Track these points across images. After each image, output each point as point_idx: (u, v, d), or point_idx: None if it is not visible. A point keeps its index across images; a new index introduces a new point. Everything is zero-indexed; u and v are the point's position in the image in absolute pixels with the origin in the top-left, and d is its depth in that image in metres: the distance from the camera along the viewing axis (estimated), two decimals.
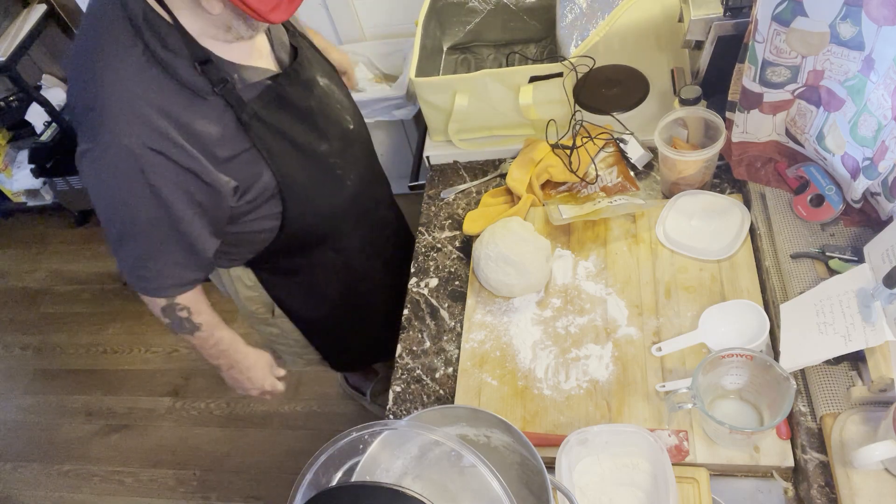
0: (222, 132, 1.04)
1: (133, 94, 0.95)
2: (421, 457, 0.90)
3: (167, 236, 1.06)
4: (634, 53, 1.46)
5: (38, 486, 2.35)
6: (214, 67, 1.00)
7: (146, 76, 0.96)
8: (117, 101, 0.95)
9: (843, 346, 0.89)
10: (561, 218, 1.23)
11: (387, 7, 2.29)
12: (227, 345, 1.28)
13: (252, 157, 1.09)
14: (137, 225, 1.03)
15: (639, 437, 0.91)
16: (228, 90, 1.02)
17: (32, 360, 2.71)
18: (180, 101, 0.99)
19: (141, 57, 0.96)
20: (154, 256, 1.08)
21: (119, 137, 0.95)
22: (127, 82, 0.96)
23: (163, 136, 0.97)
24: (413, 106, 2.22)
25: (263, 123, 1.08)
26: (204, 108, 1.01)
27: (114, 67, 0.96)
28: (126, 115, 0.95)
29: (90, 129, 0.97)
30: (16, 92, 2.92)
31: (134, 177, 0.97)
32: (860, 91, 0.94)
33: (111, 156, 0.96)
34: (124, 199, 1.01)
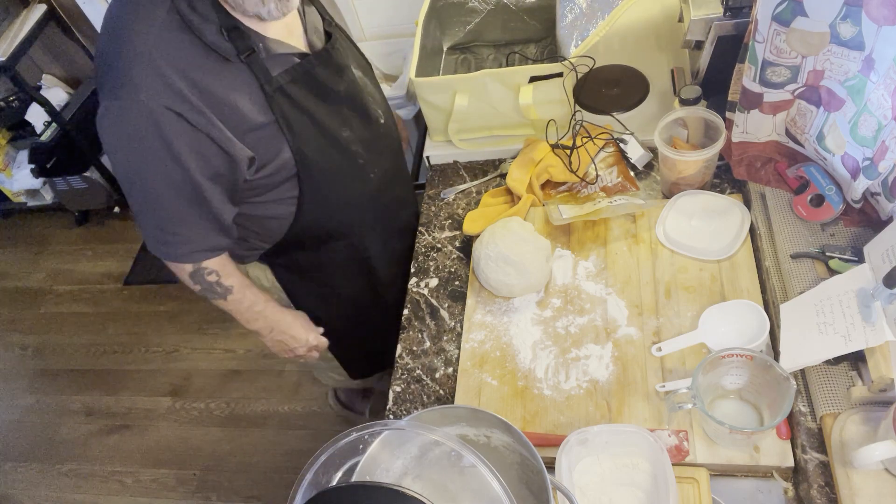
0: (245, 102, 1.03)
1: (155, 53, 0.95)
2: (421, 457, 0.90)
3: (188, 200, 1.05)
4: (634, 53, 1.46)
5: (38, 485, 2.35)
6: (241, 35, 1.00)
7: (171, 37, 0.96)
8: (138, 60, 0.95)
9: (843, 346, 0.89)
10: (561, 218, 1.23)
11: (387, 7, 2.29)
12: (263, 305, 1.27)
13: (273, 131, 1.07)
14: (158, 188, 1.03)
15: (639, 437, 0.91)
16: (254, 59, 1.02)
17: (32, 360, 2.71)
18: (204, 65, 0.98)
19: (167, 17, 0.96)
20: (177, 220, 1.07)
21: (138, 95, 0.94)
22: (150, 41, 0.95)
23: (182, 97, 0.96)
24: (413, 106, 2.22)
25: (288, 98, 1.07)
26: (228, 75, 1.00)
27: (139, 26, 0.96)
28: (146, 74, 0.94)
29: (111, 87, 0.97)
30: (16, 92, 2.92)
31: (152, 136, 0.97)
32: (860, 91, 0.94)
33: (130, 113, 0.95)
34: (144, 158, 0.99)
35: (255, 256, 1.32)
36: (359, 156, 1.22)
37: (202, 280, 1.16)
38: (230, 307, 1.23)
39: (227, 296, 1.20)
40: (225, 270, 1.18)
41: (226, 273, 1.18)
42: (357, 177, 1.24)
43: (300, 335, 1.36)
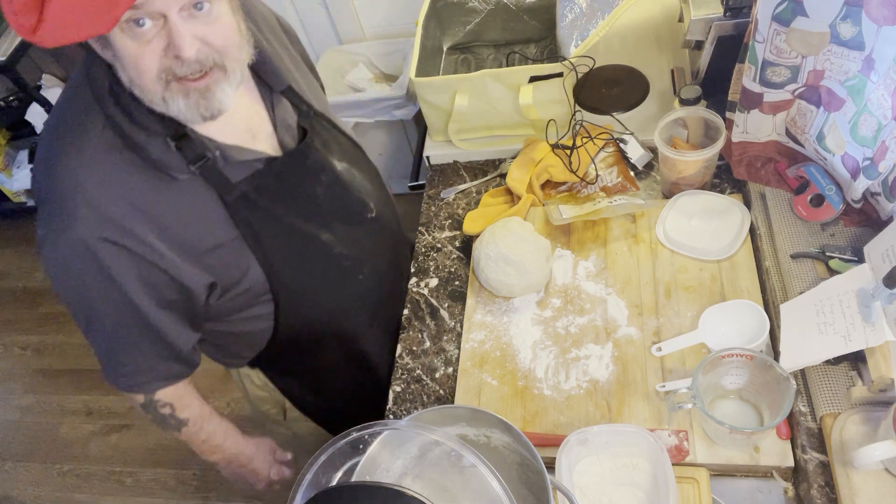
0: (201, 219, 0.92)
1: (88, 183, 0.85)
2: (421, 457, 0.90)
3: (137, 330, 0.95)
4: (634, 53, 1.46)
5: (38, 485, 2.35)
6: (192, 143, 0.89)
7: (106, 159, 0.86)
8: (71, 190, 0.85)
9: (843, 346, 0.89)
10: (561, 218, 1.23)
11: (387, 7, 2.29)
12: (222, 438, 1.15)
13: (237, 248, 0.96)
14: (102, 319, 0.94)
15: (639, 437, 0.91)
16: (208, 167, 0.90)
17: (32, 360, 2.71)
18: (147, 186, 0.88)
19: (102, 137, 0.86)
20: (125, 351, 0.97)
21: (73, 229, 0.85)
22: (81, 171, 0.86)
23: (120, 228, 0.86)
24: (413, 106, 2.22)
25: (253, 208, 0.95)
26: (178, 192, 0.90)
27: (71, 152, 0.86)
28: (79, 206, 0.85)
29: (46, 216, 0.88)
30: (16, 92, 2.92)
31: (92, 271, 0.88)
32: (860, 91, 0.94)
33: (66, 247, 0.87)
34: (84, 293, 0.91)
35: (241, 363, 1.22)
36: (343, 258, 1.11)
37: (154, 411, 1.05)
38: (183, 438, 1.11)
39: (181, 428, 1.08)
40: (181, 402, 1.07)
41: (182, 405, 1.07)
42: (343, 281, 1.12)
43: (261, 469, 1.23)
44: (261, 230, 0.97)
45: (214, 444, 1.14)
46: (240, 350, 1.17)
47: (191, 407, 1.08)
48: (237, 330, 1.08)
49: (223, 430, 1.15)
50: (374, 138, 2.45)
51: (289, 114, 1.04)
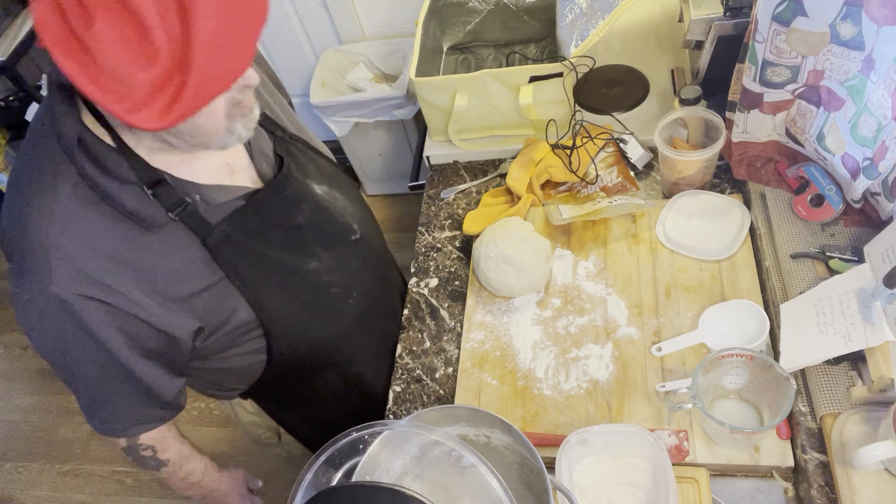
0: (183, 265, 0.89)
1: (62, 240, 0.81)
2: (421, 457, 0.90)
3: (119, 380, 0.92)
4: (634, 53, 1.46)
5: (39, 486, 2.35)
6: (169, 189, 0.85)
7: (81, 216, 0.82)
8: (41, 247, 0.81)
9: (843, 346, 0.89)
10: (561, 218, 1.23)
11: (387, 7, 2.29)
12: (199, 476, 1.14)
13: (223, 290, 0.93)
14: (84, 373, 0.90)
15: (639, 437, 0.91)
16: (189, 213, 0.87)
17: (32, 360, 2.71)
18: (125, 238, 0.84)
19: (73, 192, 0.82)
20: (108, 399, 0.95)
21: (47, 287, 0.81)
22: (55, 228, 0.81)
23: (97, 283, 0.83)
24: (413, 106, 2.22)
25: (236, 248, 0.92)
26: (157, 241, 0.86)
27: (43, 209, 0.82)
28: (53, 264, 0.81)
29: (17, 271, 0.85)
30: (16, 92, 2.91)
31: (70, 327, 0.85)
32: (860, 91, 0.94)
33: (42, 305, 0.83)
34: (62, 349, 0.87)
35: (233, 396, 1.20)
36: (332, 285, 1.08)
37: (135, 454, 1.04)
38: (162, 477, 1.11)
39: (160, 468, 1.07)
40: (162, 444, 1.05)
41: (163, 447, 1.05)
42: (333, 308, 1.10)
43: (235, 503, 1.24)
44: (245, 269, 0.94)
45: (192, 482, 1.14)
46: (232, 384, 1.15)
47: (171, 449, 1.07)
48: (228, 366, 1.06)
49: (201, 468, 1.15)
50: (374, 138, 2.45)
51: (265, 141, 1.01)
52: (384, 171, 2.62)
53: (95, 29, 0.66)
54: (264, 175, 0.98)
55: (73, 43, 0.67)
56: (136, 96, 0.69)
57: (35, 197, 0.83)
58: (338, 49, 2.38)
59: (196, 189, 0.89)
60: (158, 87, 0.69)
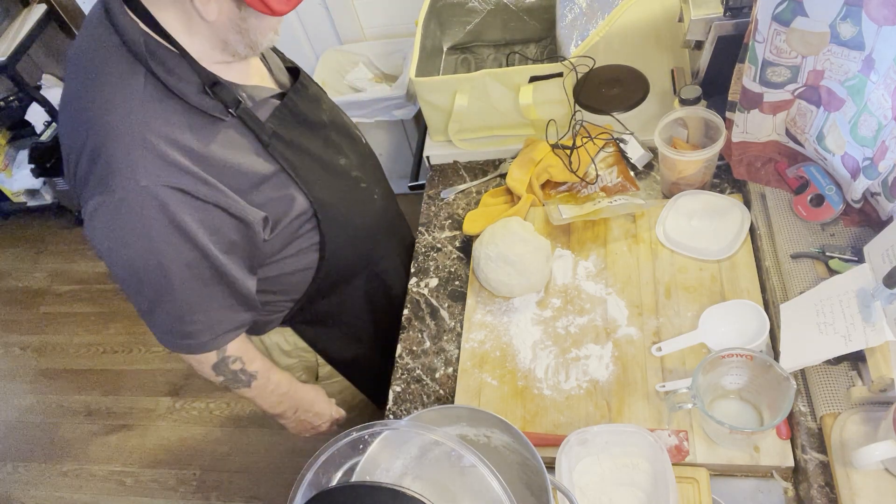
0: (246, 157, 0.96)
1: (144, 129, 0.86)
2: (421, 457, 0.90)
3: (208, 281, 0.96)
4: (634, 53, 1.46)
5: (38, 486, 2.35)
6: (225, 88, 0.93)
7: (155, 107, 0.88)
8: (125, 141, 0.86)
9: (843, 346, 0.89)
10: (561, 218, 1.23)
11: (387, 7, 2.29)
12: (287, 386, 1.19)
13: (281, 180, 1.01)
14: (173, 277, 0.93)
15: (639, 437, 0.91)
16: (244, 110, 0.95)
17: (32, 360, 2.71)
18: (196, 129, 0.91)
19: (146, 87, 0.88)
20: (199, 306, 0.99)
21: (135, 180, 0.85)
22: (134, 118, 0.86)
23: (182, 170, 0.88)
24: (413, 106, 2.22)
25: (284, 142, 1.01)
26: (222, 134, 0.94)
27: (116, 104, 0.87)
28: (140, 155, 0.86)
29: (99, 180, 0.87)
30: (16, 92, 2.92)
31: (160, 220, 0.88)
32: (860, 91, 0.94)
33: (131, 202, 0.86)
34: (154, 248, 0.90)
35: (276, 322, 1.23)
36: (361, 180, 1.18)
37: (226, 370, 1.07)
38: (253, 394, 1.14)
39: (251, 383, 1.11)
40: (248, 355, 1.10)
41: (249, 358, 1.10)
42: (365, 202, 1.20)
43: (324, 411, 1.29)
44: (296, 163, 1.02)
45: (281, 392, 1.18)
46: (282, 301, 1.18)
47: (257, 360, 1.11)
48: (286, 270, 1.11)
49: (286, 379, 1.19)
50: (374, 138, 2.45)
51: (275, 58, 1.12)
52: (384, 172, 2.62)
53: None
54: (283, 85, 1.09)
55: None
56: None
57: (109, 96, 0.87)
58: (338, 49, 2.39)
59: (241, 89, 0.97)
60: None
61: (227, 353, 1.06)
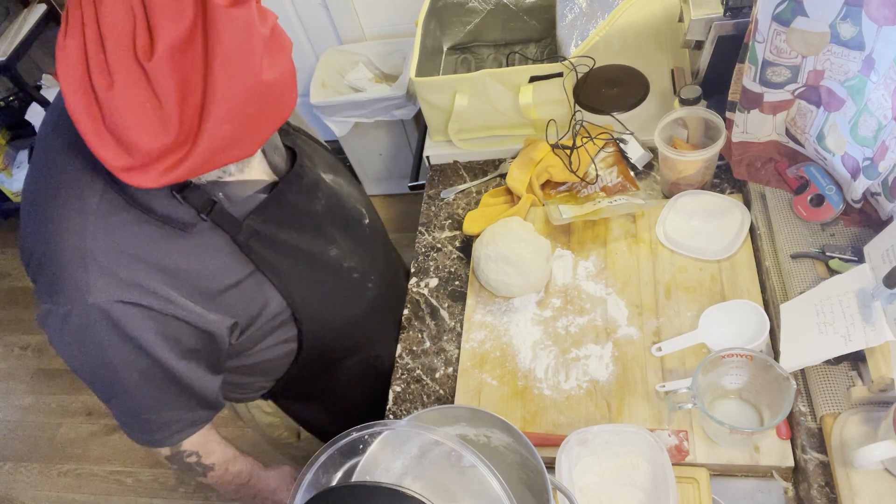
0: (215, 263, 0.90)
1: (96, 249, 0.81)
2: (421, 457, 0.90)
3: (162, 386, 0.92)
4: (634, 53, 1.46)
5: (38, 486, 2.35)
6: (197, 191, 0.86)
7: (113, 220, 0.83)
8: (75, 256, 0.81)
9: (843, 346, 0.89)
10: (561, 218, 1.23)
11: (387, 7, 2.29)
12: (247, 476, 1.13)
13: (255, 282, 0.94)
14: (125, 384, 0.90)
15: (639, 437, 0.91)
16: (217, 212, 0.88)
17: (32, 360, 2.71)
18: (157, 241, 0.85)
19: (101, 199, 0.82)
20: (150, 408, 0.95)
21: (83, 296, 0.81)
22: (88, 235, 0.81)
23: (135, 286, 0.83)
24: (413, 106, 2.22)
25: (265, 241, 0.94)
26: (189, 242, 0.88)
27: (73, 215, 0.82)
28: (90, 274, 0.81)
29: (49, 286, 0.83)
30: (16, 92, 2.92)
31: (109, 336, 0.84)
32: (860, 91, 0.94)
33: (78, 318, 0.82)
34: (103, 360, 0.87)
35: (257, 396, 1.20)
36: (353, 270, 1.11)
37: (180, 462, 1.03)
38: (209, 482, 1.09)
39: (206, 473, 1.06)
40: (206, 449, 1.04)
41: (207, 451, 1.04)
42: (356, 293, 1.13)
43: (285, 499, 1.21)
44: (274, 260, 0.96)
45: (240, 483, 1.13)
46: (259, 382, 1.15)
47: (215, 452, 1.07)
48: (261, 359, 1.06)
49: (248, 468, 1.14)
50: (374, 138, 2.45)
51: (274, 136, 1.02)
52: (384, 171, 2.62)
53: (114, 92, 0.67)
54: (277, 167, 1.00)
55: (89, 93, 0.68)
56: (135, 160, 0.71)
57: (62, 209, 0.82)
58: (338, 49, 2.39)
59: (219, 187, 0.90)
60: (158, 157, 0.71)
61: (181, 448, 1.01)
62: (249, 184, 0.94)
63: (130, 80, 0.67)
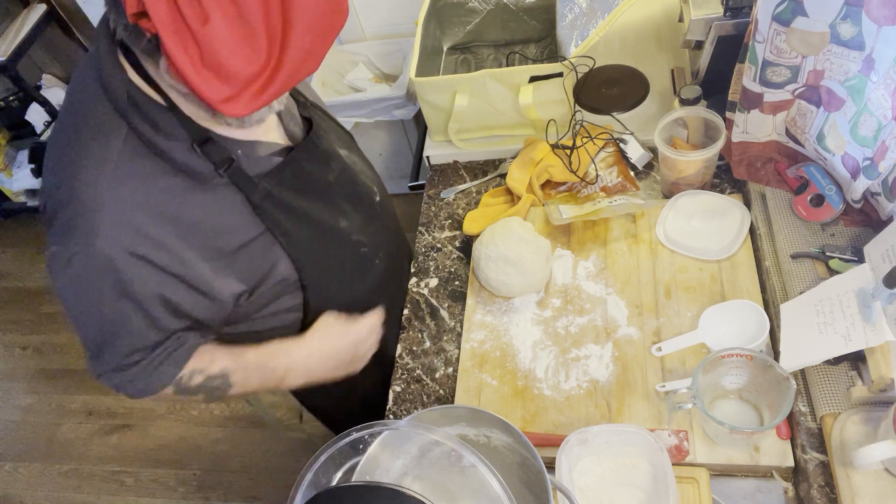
0: (229, 218, 0.91)
1: (110, 195, 0.82)
2: (421, 457, 0.90)
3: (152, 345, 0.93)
4: (634, 53, 1.46)
5: (38, 486, 2.35)
6: (217, 146, 0.88)
7: (132, 167, 0.84)
8: (95, 203, 0.82)
9: (843, 346, 0.89)
10: (561, 218, 1.23)
11: (387, 7, 2.29)
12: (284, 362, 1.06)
13: (265, 243, 0.95)
14: (117, 329, 0.91)
15: (639, 437, 0.91)
16: (235, 170, 0.90)
17: (32, 360, 2.71)
18: (175, 192, 0.86)
19: (126, 144, 0.84)
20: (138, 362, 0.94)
21: (94, 240, 0.82)
22: (108, 176, 0.82)
23: (147, 238, 0.84)
24: (413, 106, 2.22)
25: (278, 203, 0.95)
26: (205, 196, 0.89)
27: (93, 159, 0.83)
28: (104, 219, 0.82)
29: (61, 229, 0.84)
30: (16, 92, 2.92)
31: (111, 287, 0.85)
32: (860, 91, 0.94)
33: (86, 263, 0.84)
34: (99, 307, 0.88)
35: None
36: (361, 245, 1.12)
37: (188, 390, 0.99)
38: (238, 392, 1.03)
39: (227, 389, 1.01)
40: (205, 359, 0.99)
41: (209, 361, 0.99)
42: (363, 268, 1.14)
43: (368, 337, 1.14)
44: (286, 224, 0.97)
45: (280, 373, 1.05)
46: None
47: (221, 359, 1.01)
48: (267, 327, 1.06)
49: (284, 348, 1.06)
50: (374, 138, 2.45)
51: (291, 104, 1.04)
52: (384, 171, 2.62)
53: (210, 26, 0.70)
54: (293, 135, 1.01)
55: (186, 34, 0.70)
56: (232, 89, 0.74)
57: (84, 151, 0.84)
58: (338, 49, 2.39)
59: (237, 145, 0.91)
60: (250, 82, 0.74)
61: (179, 377, 0.98)
62: (265, 145, 0.95)
63: (222, 11, 0.70)
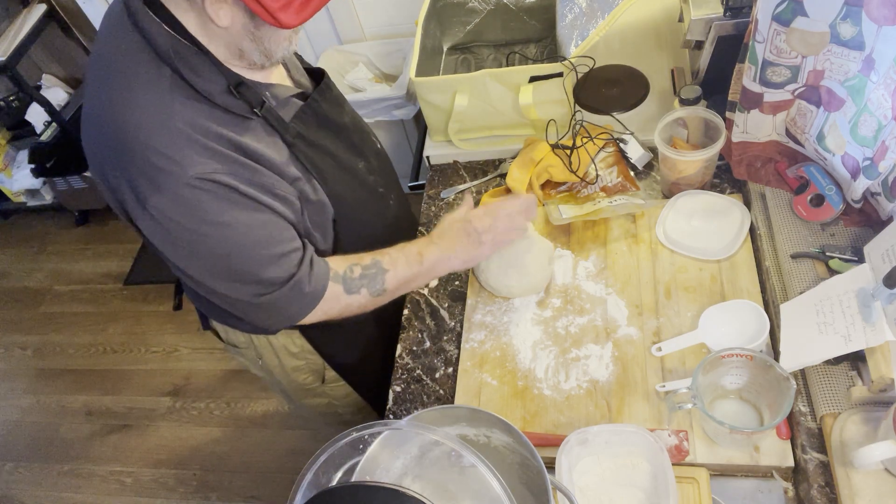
0: (275, 155, 0.96)
1: (176, 122, 0.86)
2: (421, 457, 0.90)
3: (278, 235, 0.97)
4: (634, 53, 1.46)
5: (38, 486, 2.35)
6: (250, 89, 0.93)
7: (191, 105, 0.88)
8: (163, 137, 0.85)
9: (843, 346, 0.89)
10: (561, 218, 1.23)
11: (387, 7, 2.29)
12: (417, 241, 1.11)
13: (304, 180, 1.01)
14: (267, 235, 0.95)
15: (639, 437, 0.91)
16: (269, 110, 0.95)
17: (32, 360, 2.72)
18: (226, 125, 0.91)
19: (172, 86, 0.88)
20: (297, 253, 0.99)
21: (185, 171, 0.85)
22: (164, 113, 0.86)
23: (223, 157, 0.89)
24: (413, 106, 2.22)
25: (307, 143, 1.02)
26: (251, 131, 0.94)
27: (146, 102, 0.86)
28: (182, 147, 0.86)
29: (145, 178, 0.86)
30: (16, 92, 2.92)
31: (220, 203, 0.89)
32: (860, 91, 0.94)
33: (190, 197, 0.87)
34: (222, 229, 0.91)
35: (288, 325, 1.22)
36: (378, 185, 1.19)
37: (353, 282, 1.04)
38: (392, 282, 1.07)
39: (384, 277, 1.06)
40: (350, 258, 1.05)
41: (356, 257, 1.05)
42: (380, 207, 1.20)
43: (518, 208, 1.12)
44: (319, 163, 1.03)
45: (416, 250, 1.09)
46: None
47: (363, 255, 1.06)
48: None
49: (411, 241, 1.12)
50: None
51: (294, 60, 1.11)
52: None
53: None
54: (302, 86, 1.09)
55: None
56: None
57: (138, 97, 0.87)
58: (338, 49, 2.38)
59: (266, 88, 0.98)
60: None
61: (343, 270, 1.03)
62: (284, 87, 1.02)
63: None
